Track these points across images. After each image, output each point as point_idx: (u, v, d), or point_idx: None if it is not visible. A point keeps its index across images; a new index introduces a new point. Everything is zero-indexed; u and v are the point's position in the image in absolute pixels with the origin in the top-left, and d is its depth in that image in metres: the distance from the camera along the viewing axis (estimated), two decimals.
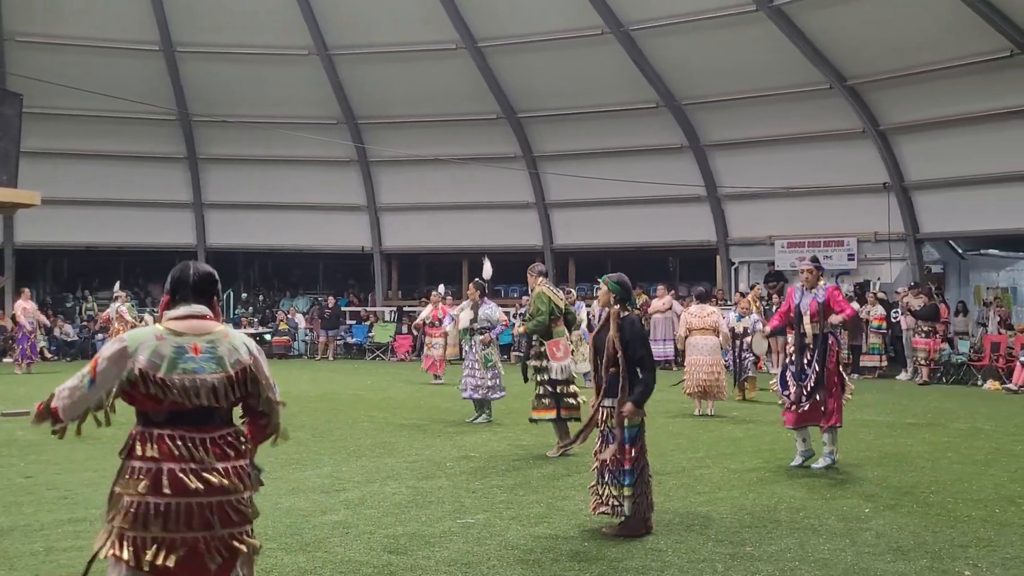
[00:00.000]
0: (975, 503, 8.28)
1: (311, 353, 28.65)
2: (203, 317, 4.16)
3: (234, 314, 30.55)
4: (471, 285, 14.11)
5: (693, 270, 29.42)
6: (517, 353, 25.85)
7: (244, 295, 32.75)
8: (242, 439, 4.17)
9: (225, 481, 3.99)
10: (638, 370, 7.39)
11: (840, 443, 11.20)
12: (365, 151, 29.11)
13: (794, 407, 9.76)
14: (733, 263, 27.16)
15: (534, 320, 10.88)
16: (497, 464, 10.08)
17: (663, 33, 24.21)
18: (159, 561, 3.87)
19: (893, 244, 24.47)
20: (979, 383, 19.82)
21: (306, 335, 29.23)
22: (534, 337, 11.02)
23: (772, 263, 26.07)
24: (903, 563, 6.44)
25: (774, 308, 23.69)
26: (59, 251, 31.59)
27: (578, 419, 10.49)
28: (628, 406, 7.26)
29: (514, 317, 26.21)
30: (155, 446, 3.97)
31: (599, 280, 7.85)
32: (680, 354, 14.97)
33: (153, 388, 3.95)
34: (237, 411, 4.25)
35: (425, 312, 20.42)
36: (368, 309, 30.15)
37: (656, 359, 22.32)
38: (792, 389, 9.78)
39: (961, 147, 22.91)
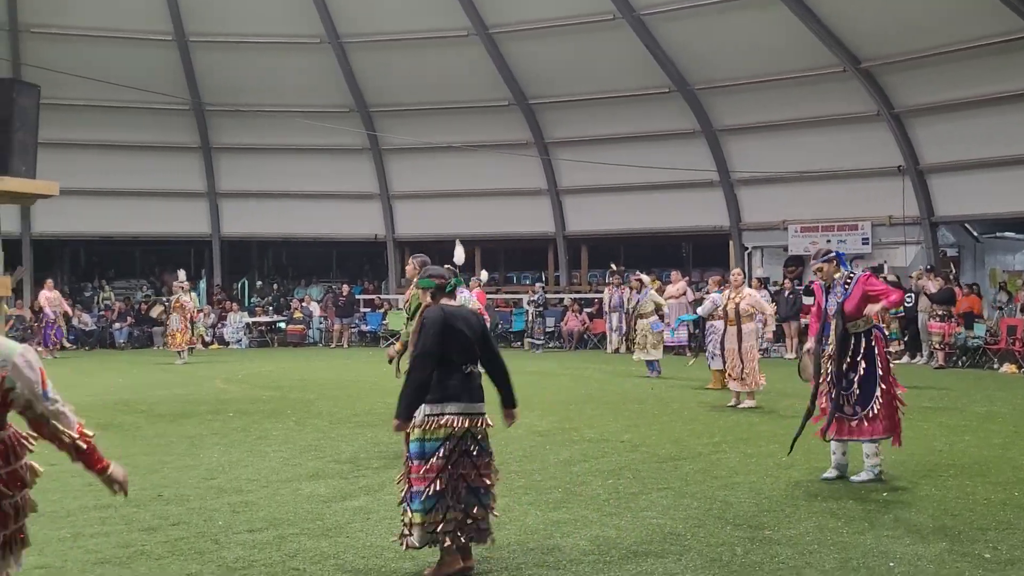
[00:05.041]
0: (994, 486, 8.28)
1: (326, 341, 28.72)
2: None
3: (249, 303, 30.65)
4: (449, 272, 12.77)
5: (706, 256, 29.39)
6: (530, 339, 25.91)
7: (259, 284, 32.83)
8: (17, 444, 4.16)
9: None
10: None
11: None
12: (377, 139, 29.14)
13: (835, 415, 8.51)
14: (746, 248, 27.07)
15: (407, 336, 9.09)
16: (514, 450, 10.07)
17: (674, 17, 24.15)
18: None
19: (908, 228, 24.37)
20: (995, 367, 19.75)
21: (320, 323, 29.31)
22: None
23: (786, 248, 26.02)
24: (922, 546, 6.45)
25: (787, 295, 23.67)
26: (76, 241, 31.76)
27: None
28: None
29: (527, 304, 26.38)
30: None
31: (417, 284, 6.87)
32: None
33: None
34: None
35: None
36: (382, 297, 30.20)
37: (669, 345, 22.05)
38: (832, 395, 8.53)
39: (976, 129, 22.78)
